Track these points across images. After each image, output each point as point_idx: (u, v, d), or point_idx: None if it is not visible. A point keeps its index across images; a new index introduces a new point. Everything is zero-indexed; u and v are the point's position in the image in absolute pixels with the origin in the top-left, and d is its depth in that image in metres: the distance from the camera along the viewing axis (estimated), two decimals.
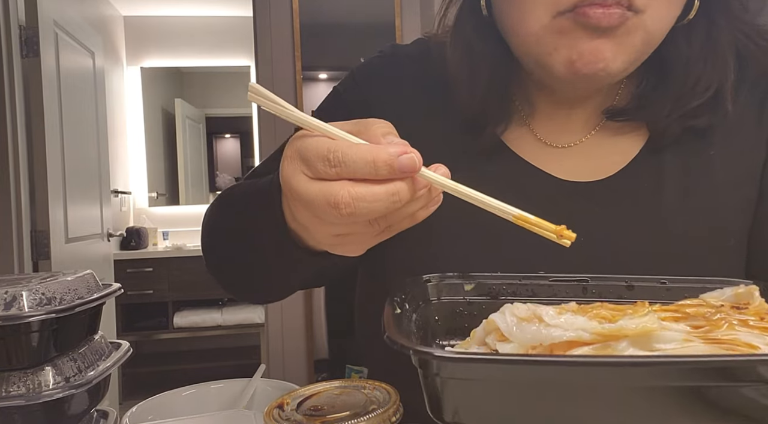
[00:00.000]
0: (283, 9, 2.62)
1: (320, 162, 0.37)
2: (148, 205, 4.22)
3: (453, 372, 0.29)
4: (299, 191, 0.39)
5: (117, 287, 0.58)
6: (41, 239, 2.30)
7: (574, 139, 0.65)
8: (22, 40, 2.26)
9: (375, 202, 0.37)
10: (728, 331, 0.33)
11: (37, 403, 0.47)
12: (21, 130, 2.23)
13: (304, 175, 0.38)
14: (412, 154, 0.37)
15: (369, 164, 0.36)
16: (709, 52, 0.58)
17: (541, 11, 0.53)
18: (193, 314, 3.71)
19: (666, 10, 0.53)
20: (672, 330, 0.33)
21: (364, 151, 0.36)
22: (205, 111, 4.45)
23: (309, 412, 0.45)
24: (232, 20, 4.20)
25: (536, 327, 0.34)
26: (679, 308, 0.38)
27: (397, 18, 2.70)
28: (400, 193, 0.37)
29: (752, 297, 0.39)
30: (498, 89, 0.63)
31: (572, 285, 0.46)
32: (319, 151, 0.37)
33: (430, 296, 0.44)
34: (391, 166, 0.36)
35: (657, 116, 0.60)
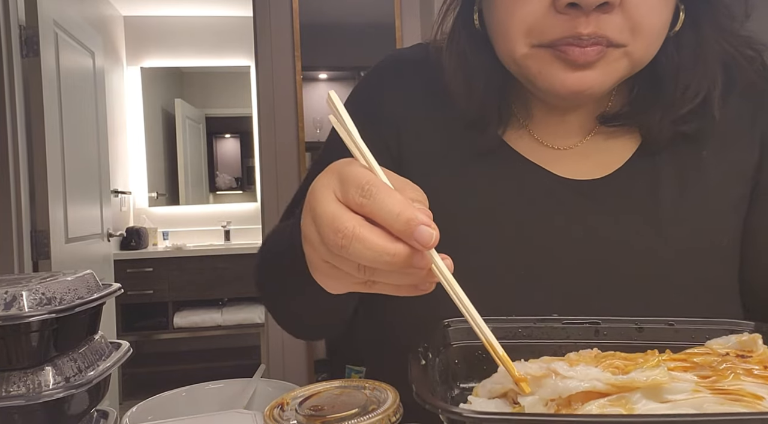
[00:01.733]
0: (283, 9, 2.62)
1: (354, 187, 0.38)
2: (148, 205, 4.22)
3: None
4: (319, 202, 0.39)
5: (117, 287, 0.58)
6: (41, 239, 2.30)
7: (571, 142, 0.66)
8: (22, 40, 2.26)
9: (368, 250, 0.37)
10: (734, 381, 0.35)
11: (37, 403, 0.47)
12: (21, 130, 2.23)
13: (332, 193, 0.39)
14: (434, 231, 0.36)
15: (392, 213, 0.36)
16: (697, 60, 0.60)
17: (521, 41, 0.55)
18: (193, 314, 3.71)
19: (652, 39, 0.55)
20: (681, 381, 0.34)
21: (396, 200, 0.37)
22: (205, 111, 4.45)
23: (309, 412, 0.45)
24: (232, 20, 4.20)
25: (553, 381, 0.35)
26: (688, 356, 0.39)
27: (397, 19, 2.70)
28: (397, 256, 0.37)
29: (756, 345, 0.41)
30: (494, 97, 0.64)
31: (585, 327, 0.47)
32: (360, 178, 0.38)
33: (451, 340, 0.45)
34: (409, 227, 0.36)
35: (649, 122, 0.62)
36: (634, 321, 0.47)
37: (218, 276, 3.70)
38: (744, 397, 0.33)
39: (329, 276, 0.44)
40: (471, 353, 0.45)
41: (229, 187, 4.46)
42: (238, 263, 3.70)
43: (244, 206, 4.35)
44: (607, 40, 0.52)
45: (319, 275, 0.45)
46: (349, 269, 0.40)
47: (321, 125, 2.82)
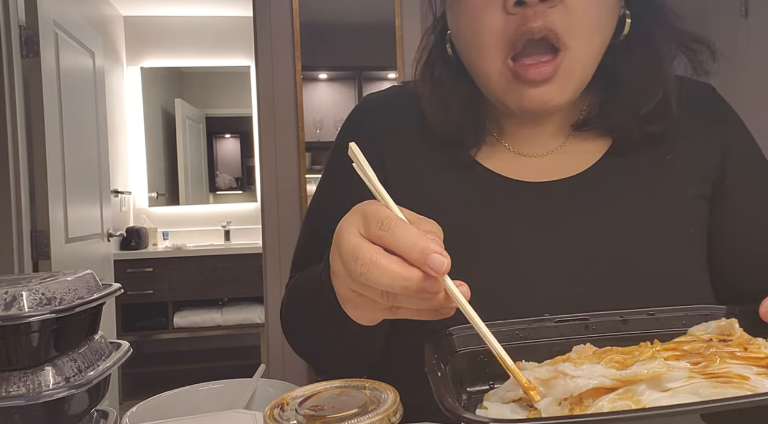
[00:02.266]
0: (283, 9, 2.62)
1: (375, 222, 0.42)
2: (148, 205, 4.22)
3: None
4: (343, 238, 0.44)
5: (117, 287, 0.58)
6: (41, 239, 2.30)
7: (545, 150, 0.71)
8: (22, 40, 2.26)
9: (386, 275, 0.41)
10: (721, 365, 0.39)
11: (37, 403, 0.47)
12: (21, 130, 2.23)
13: (355, 229, 0.44)
14: (446, 259, 0.40)
15: (408, 243, 0.41)
16: (650, 62, 0.66)
17: (492, 54, 0.62)
18: (193, 314, 3.71)
19: (590, 37, 0.61)
20: (676, 370, 0.38)
21: (411, 233, 0.41)
22: (205, 111, 4.45)
23: (309, 412, 0.45)
24: (232, 20, 4.20)
25: (564, 381, 0.39)
26: (677, 345, 0.44)
27: (397, 18, 2.70)
28: (411, 280, 0.41)
29: (734, 329, 0.45)
30: (468, 117, 0.70)
31: (575, 324, 0.51)
32: (379, 215, 0.43)
33: (457, 347, 0.49)
34: (423, 256, 0.40)
35: (617, 124, 0.68)
36: (618, 314, 0.52)
37: (218, 276, 3.70)
38: (732, 379, 0.37)
39: (357, 306, 0.49)
40: (474, 359, 0.48)
41: (229, 188, 4.46)
42: (238, 263, 3.70)
43: (244, 206, 4.35)
44: (555, 35, 0.59)
45: (348, 306, 0.50)
46: (373, 295, 0.44)
47: (321, 125, 2.83)
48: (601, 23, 0.62)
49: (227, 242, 4.12)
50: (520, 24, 0.59)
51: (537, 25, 0.59)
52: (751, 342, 0.42)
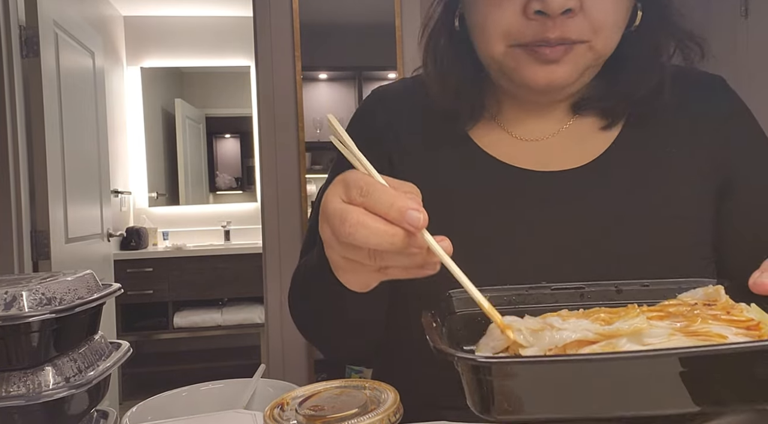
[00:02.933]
0: (283, 9, 2.62)
1: (355, 188, 0.45)
2: (148, 205, 4.22)
3: (497, 373, 0.36)
4: (329, 206, 0.46)
5: (117, 287, 0.58)
6: (41, 239, 2.30)
7: (542, 135, 0.71)
8: (22, 40, 2.26)
9: (373, 234, 0.43)
10: (702, 324, 0.41)
11: (37, 403, 0.47)
12: (21, 130, 2.23)
13: (338, 197, 0.46)
14: (422, 214, 0.43)
15: (386, 204, 0.43)
16: (651, 52, 0.68)
17: (498, 42, 0.62)
18: (193, 314, 3.71)
19: (610, 34, 0.62)
20: (658, 328, 0.40)
21: (389, 194, 0.44)
22: (205, 111, 4.45)
23: (309, 412, 0.45)
24: (232, 20, 4.20)
25: (550, 333, 0.41)
26: (663, 308, 0.45)
27: (397, 18, 2.70)
28: (396, 236, 0.43)
29: (719, 295, 0.47)
30: (467, 89, 0.71)
31: (571, 292, 0.53)
32: (358, 181, 0.45)
33: (455, 308, 0.51)
34: (401, 213, 0.43)
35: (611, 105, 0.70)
36: (614, 285, 0.54)
37: (218, 276, 3.70)
38: (712, 337, 0.40)
39: (348, 270, 0.51)
40: (473, 320, 0.49)
41: (229, 188, 4.46)
42: (238, 263, 3.70)
43: (244, 206, 4.35)
44: (571, 41, 0.60)
45: (340, 273, 0.53)
46: (361, 257, 0.46)
47: (321, 125, 2.83)
48: (618, 23, 0.63)
49: (227, 242, 4.12)
50: (537, 31, 0.59)
51: (555, 35, 0.59)
52: (734, 307, 0.44)
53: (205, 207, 4.35)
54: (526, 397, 0.36)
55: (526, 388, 0.36)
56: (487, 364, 0.35)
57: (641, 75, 0.68)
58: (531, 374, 0.36)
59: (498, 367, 0.36)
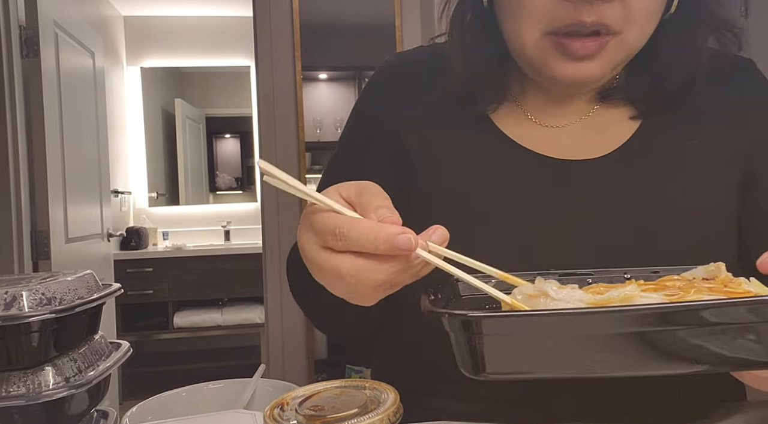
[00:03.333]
0: (283, 9, 2.62)
1: (329, 235, 0.42)
2: (148, 205, 4.22)
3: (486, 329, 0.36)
4: (312, 258, 0.44)
5: (117, 287, 0.58)
6: (41, 239, 2.30)
7: (567, 120, 0.68)
8: (22, 40, 2.26)
9: (376, 273, 0.41)
10: (695, 295, 0.40)
11: (37, 403, 0.47)
12: (21, 130, 2.23)
13: (316, 244, 0.43)
14: (409, 235, 0.40)
15: (371, 241, 0.40)
16: (686, 41, 0.64)
17: (530, 27, 0.58)
18: (193, 314, 3.71)
19: (645, 26, 0.59)
20: (650, 298, 0.39)
21: (365, 228, 0.41)
22: (205, 111, 4.45)
23: (309, 412, 0.45)
24: (232, 20, 4.20)
25: (543, 300, 0.40)
26: (659, 282, 0.45)
27: (397, 18, 2.70)
28: (396, 265, 0.41)
29: (720, 271, 0.45)
30: (491, 70, 0.67)
31: (578, 279, 0.51)
32: (327, 226, 0.42)
33: (461, 292, 0.49)
34: (391, 245, 0.40)
35: (642, 94, 0.66)
36: (623, 271, 0.52)
37: (218, 276, 3.70)
38: None
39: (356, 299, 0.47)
40: (479, 305, 0.48)
41: (229, 188, 4.46)
42: (238, 263, 3.70)
43: (244, 206, 4.35)
44: (607, 28, 0.56)
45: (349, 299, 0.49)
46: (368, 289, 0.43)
47: (321, 125, 2.83)
48: (655, 13, 0.59)
49: (227, 242, 4.12)
50: (572, 14, 0.56)
51: (591, 20, 0.55)
52: (733, 280, 0.43)
53: (205, 207, 4.35)
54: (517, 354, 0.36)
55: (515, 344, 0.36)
56: (477, 318, 0.35)
57: (674, 66, 0.64)
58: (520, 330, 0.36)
59: (487, 321, 0.35)
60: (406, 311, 0.66)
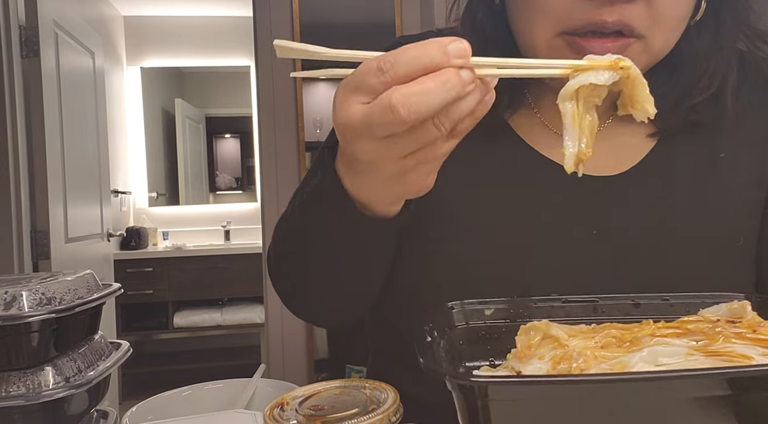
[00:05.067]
0: (283, 9, 2.62)
1: (372, 75, 0.38)
2: (148, 205, 4.22)
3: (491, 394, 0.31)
4: (355, 119, 0.39)
5: (117, 287, 0.58)
6: (41, 239, 2.30)
7: None
8: (22, 40, 2.26)
9: (429, 94, 0.37)
10: (724, 344, 0.36)
11: (37, 403, 0.47)
12: (21, 130, 2.22)
13: (357, 104, 0.39)
14: (464, 42, 0.37)
15: (422, 55, 0.37)
16: (714, 50, 0.60)
17: (545, 27, 0.55)
18: (193, 314, 3.71)
19: (671, 31, 0.55)
20: (674, 346, 0.36)
21: (415, 47, 0.37)
22: (205, 111, 4.45)
23: (309, 412, 0.45)
24: (232, 20, 4.20)
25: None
26: (681, 324, 0.41)
27: (397, 18, 2.70)
28: (452, 79, 0.37)
29: (745, 311, 0.42)
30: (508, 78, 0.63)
31: (584, 305, 0.48)
32: (370, 66, 0.38)
33: (456, 321, 0.46)
34: (444, 51, 0.37)
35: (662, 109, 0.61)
36: (630, 298, 0.48)
37: (218, 276, 3.70)
38: (735, 358, 0.35)
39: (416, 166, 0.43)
40: (475, 334, 0.45)
41: (229, 187, 4.46)
42: (238, 263, 3.70)
43: (244, 206, 4.35)
44: (630, 29, 0.52)
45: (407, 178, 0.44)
46: (428, 135, 0.39)
47: (321, 125, 2.82)
48: (683, 18, 0.55)
49: (227, 242, 4.12)
50: (592, 13, 0.52)
51: (612, 19, 0.52)
52: (762, 324, 0.39)
53: (205, 207, 4.35)
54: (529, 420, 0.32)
55: (528, 413, 0.31)
56: (483, 383, 0.31)
57: (699, 80, 0.59)
58: (534, 397, 0.31)
59: (496, 388, 0.31)
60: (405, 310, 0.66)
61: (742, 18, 0.60)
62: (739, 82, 0.61)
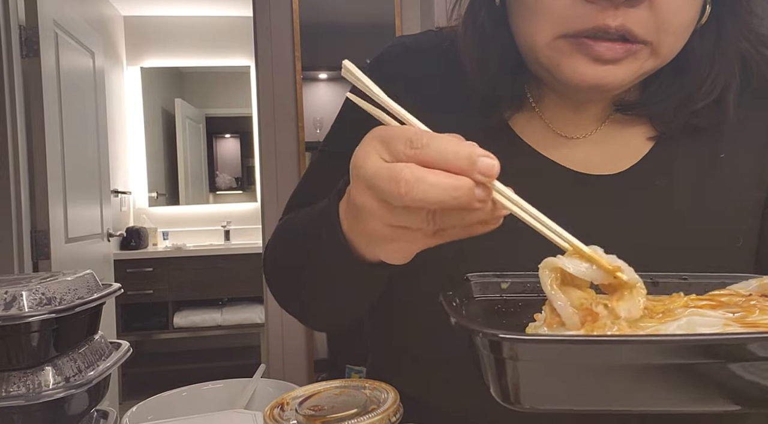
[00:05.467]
0: (283, 9, 2.62)
1: (402, 143, 0.38)
2: (148, 205, 4.22)
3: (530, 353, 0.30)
4: (368, 168, 0.39)
5: (117, 287, 0.58)
6: (41, 239, 2.30)
7: (583, 131, 0.64)
8: (22, 40, 2.26)
9: (434, 188, 0.37)
10: (762, 315, 0.35)
11: (37, 403, 0.47)
12: (21, 130, 2.22)
13: (378, 156, 0.39)
14: (495, 162, 0.37)
15: (450, 152, 0.37)
16: (716, 55, 0.59)
17: (545, 29, 0.54)
18: (193, 314, 3.71)
19: (679, 36, 0.54)
20: (711, 317, 0.34)
21: (450, 140, 0.37)
22: (205, 111, 4.45)
23: (309, 412, 0.45)
24: (232, 20, 4.20)
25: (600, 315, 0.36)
26: (713, 297, 0.39)
27: (397, 18, 2.70)
28: (463, 189, 0.37)
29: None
30: (507, 75, 0.63)
31: None
32: (406, 133, 0.38)
33: (474, 293, 0.45)
34: (472, 161, 0.37)
35: (663, 113, 0.61)
36: (648, 276, 0.46)
37: (218, 276, 3.70)
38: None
39: (394, 240, 0.43)
40: (491, 308, 0.44)
41: (229, 187, 4.46)
42: (238, 263, 3.70)
43: (244, 206, 4.35)
44: (633, 35, 0.52)
45: (383, 245, 0.45)
46: (415, 221, 0.40)
47: (321, 125, 2.82)
48: (689, 24, 0.55)
49: (227, 242, 4.12)
50: (595, 17, 0.51)
51: (615, 24, 0.51)
52: None
53: (205, 207, 4.35)
54: (562, 383, 0.31)
55: (562, 373, 0.31)
56: (525, 341, 0.30)
57: (702, 84, 0.59)
58: (568, 357, 0.30)
59: (533, 346, 0.30)
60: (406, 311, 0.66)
61: (745, 22, 0.59)
62: (742, 87, 0.61)
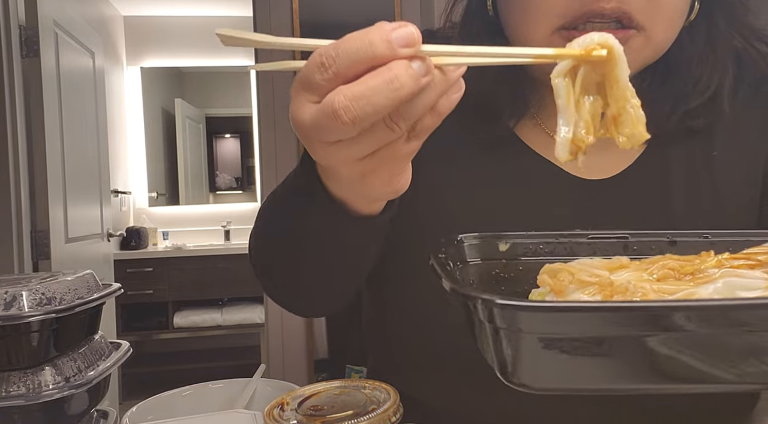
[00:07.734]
0: (283, 9, 2.62)
1: (316, 72, 0.33)
2: (148, 205, 4.22)
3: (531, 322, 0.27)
4: (303, 120, 0.35)
5: (117, 287, 0.58)
6: (41, 238, 2.30)
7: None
8: (22, 40, 2.26)
9: (374, 96, 0.32)
10: None
11: (37, 403, 0.47)
12: (21, 130, 2.22)
13: (307, 103, 0.35)
14: (410, 27, 0.33)
15: (364, 46, 0.32)
16: (709, 52, 0.59)
17: (542, 22, 0.54)
18: (193, 314, 3.71)
19: (672, 22, 0.54)
20: (751, 278, 0.31)
21: (355, 37, 0.33)
22: (205, 111, 4.45)
23: (309, 412, 0.45)
24: (232, 20, 4.19)
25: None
26: (749, 255, 0.36)
27: (397, 18, 2.70)
28: (400, 77, 0.32)
29: None
30: (507, 84, 0.62)
31: (612, 242, 0.42)
32: (314, 61, 0.34)
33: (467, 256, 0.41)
34: (387, 40, 0.32)
35: (655, 114, 0.61)
36: (666, 235, 0.42)
37: (218, 276, 3.70)
38: None
39: (380, 166, 0.38)
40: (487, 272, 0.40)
41: (229, 187, 4.46)
42: (238, 263, 3.70)
43: (244, 206, 4.35)
44: (629, 18, 0.51)
45: (368, 179, 0.40)
46: (381, 136, 0.35)
47: None
48: (681, 9, 0.55)
49: (227, 242, 4.12)
50: (589, 1, 0.51)
51: (610, 6, 0.50)
52: None
53: (205, 207, 4.35)
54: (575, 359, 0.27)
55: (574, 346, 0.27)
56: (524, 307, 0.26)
57: (695, 82, 0.59)
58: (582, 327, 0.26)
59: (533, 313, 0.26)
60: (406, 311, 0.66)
61: (738, 17, 0.59)
62: (736, 83, 0.61)
